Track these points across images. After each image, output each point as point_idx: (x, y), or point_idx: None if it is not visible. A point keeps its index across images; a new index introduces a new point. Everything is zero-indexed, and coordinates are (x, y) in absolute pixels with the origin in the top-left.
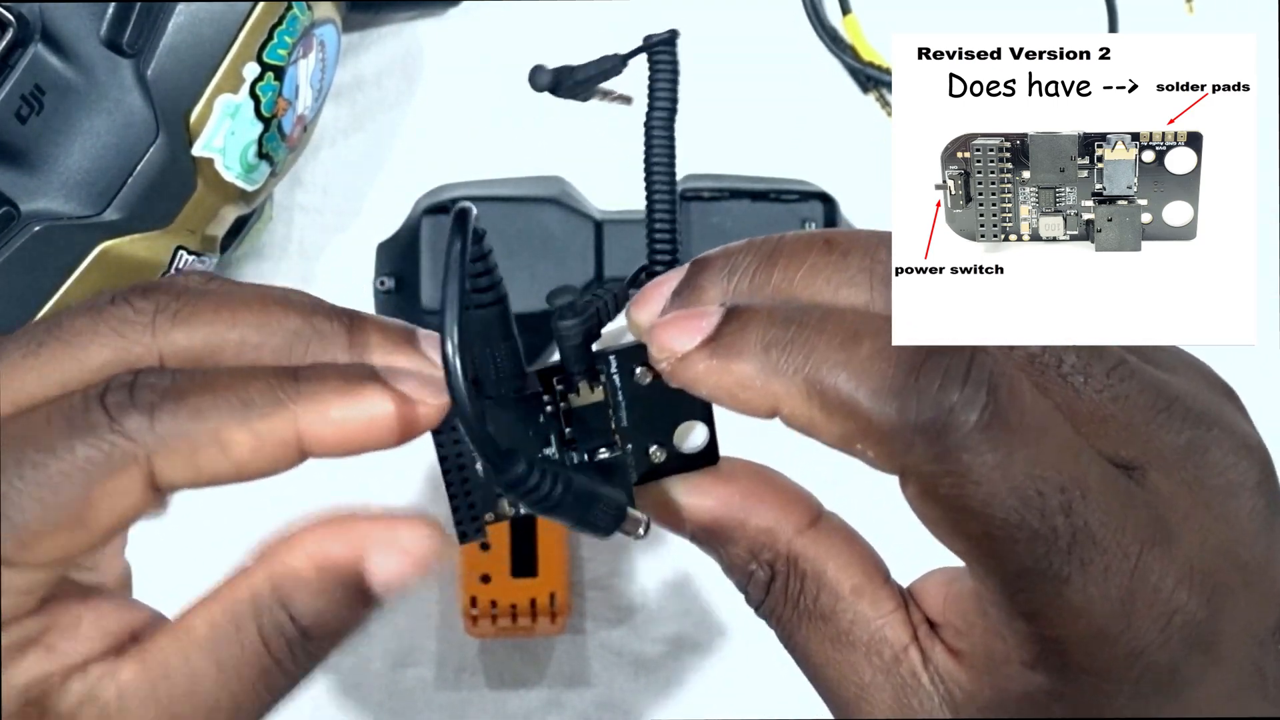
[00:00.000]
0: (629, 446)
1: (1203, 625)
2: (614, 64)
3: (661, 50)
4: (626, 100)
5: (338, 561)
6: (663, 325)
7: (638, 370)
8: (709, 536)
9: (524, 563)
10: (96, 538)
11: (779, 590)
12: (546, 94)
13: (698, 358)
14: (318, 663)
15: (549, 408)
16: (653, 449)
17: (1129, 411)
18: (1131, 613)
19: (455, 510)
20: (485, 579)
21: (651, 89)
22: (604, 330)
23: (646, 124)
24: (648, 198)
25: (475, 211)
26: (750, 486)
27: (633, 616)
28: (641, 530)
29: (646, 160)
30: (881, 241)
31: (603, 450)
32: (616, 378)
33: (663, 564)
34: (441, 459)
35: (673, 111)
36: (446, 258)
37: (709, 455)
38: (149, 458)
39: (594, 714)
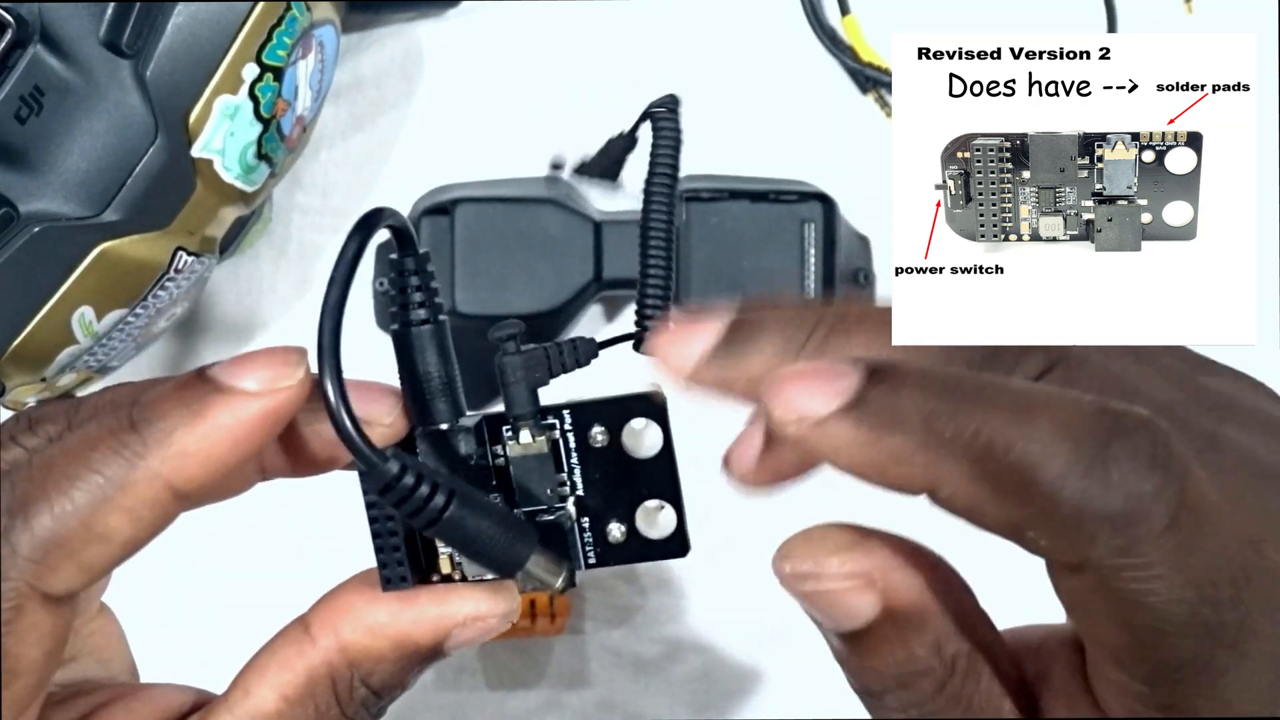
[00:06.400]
0: (573, 511)
1: None
2: (626, 142)
3: (663, 117)
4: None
5: (418, 642)
6: (789, 380)
7: (593, 430)
8: (893, 624)
9: None
10: (34, 683)
11: (954, 689)
12: (545, 94)
13: (840, 425)
14: (385, 711)
15: (480, 450)
16: (611, 526)
17: (1239, 486)
18: (1276, 700)
19: (378, 552)
20: None
21: (653, 154)
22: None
23: (646, 188)
24: (641, 261)
25: (397, 213)
26: (940, 569)
27: (632, 617)
28: (559, 584)
29: (643, 224)
30: None
31: (544, 513)
32: (571, 436)
33: (662, 564)
34: (368, 505)
35: (674, 178)
36: (339, 255)
37: (677, 543)
38: (32, 587)
39: (594, 714)
